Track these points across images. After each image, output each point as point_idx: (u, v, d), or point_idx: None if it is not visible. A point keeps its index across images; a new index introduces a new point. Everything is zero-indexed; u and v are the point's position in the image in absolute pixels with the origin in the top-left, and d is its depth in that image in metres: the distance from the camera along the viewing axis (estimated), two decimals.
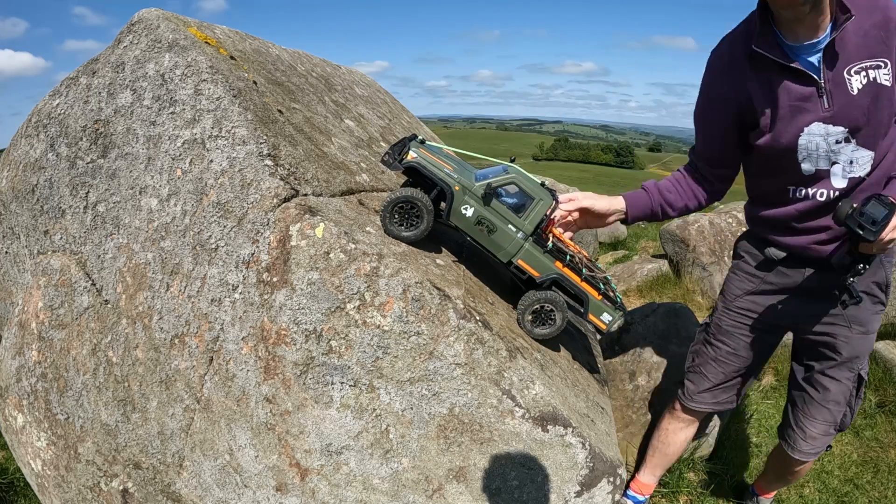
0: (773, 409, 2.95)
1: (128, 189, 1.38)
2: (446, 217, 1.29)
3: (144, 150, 1.35)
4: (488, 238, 1.29)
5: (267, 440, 1.28)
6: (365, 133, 1.74)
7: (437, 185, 1.26)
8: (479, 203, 1.26)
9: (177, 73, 1.32)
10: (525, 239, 1.30)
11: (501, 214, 1.27)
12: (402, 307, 1.16)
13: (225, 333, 1.25)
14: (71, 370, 1.51)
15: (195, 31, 1.38)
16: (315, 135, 1.41)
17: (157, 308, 1.33)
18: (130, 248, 1.37)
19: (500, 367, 1.21)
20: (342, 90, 1.91)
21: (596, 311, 1.36)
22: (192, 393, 1.33)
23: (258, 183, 1.19)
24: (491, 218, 1.27)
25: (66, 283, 1.50)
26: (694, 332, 1.89)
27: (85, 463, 1.53)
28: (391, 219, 1.27)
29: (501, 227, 1.28)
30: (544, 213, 1.29)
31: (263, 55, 1.55)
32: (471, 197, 1.26)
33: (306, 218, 1.15)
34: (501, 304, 1.45)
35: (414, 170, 1.26)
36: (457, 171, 1.28)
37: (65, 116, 1.52)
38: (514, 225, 1.28)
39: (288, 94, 1.47)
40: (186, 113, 1.29)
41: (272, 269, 1.18)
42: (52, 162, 1.53)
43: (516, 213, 1.28)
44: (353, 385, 1.21)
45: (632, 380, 2.30)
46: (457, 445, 1.23)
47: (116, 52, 1.47)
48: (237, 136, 1.22)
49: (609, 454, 1.31)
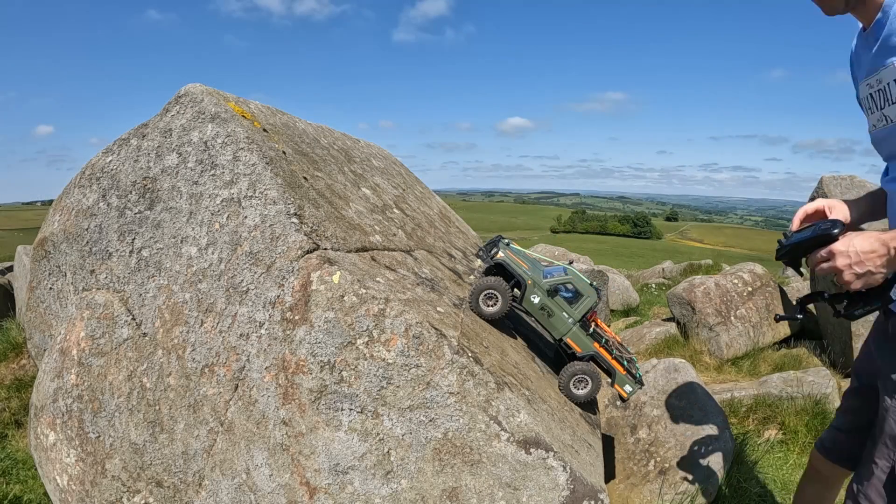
0: (781, 461, 2.94)
1: (170, 238, 1.60)
2: (520, 302, 1.72)
3: (187, 205, 1.58)
4: (548, 320, 1.73)
5: (281, 460, 1.45)
6: (380, 200, 2.02)
7: (516, 278, 1.70)
8: (545, 295, 1.71)
9: (218, 141, 1.57)
10: (574, 324, 1.73)
11: (559, 305, 1.71)
12: (405, 343, 1.36)
13: (250, 364, 1.44)
14: (106, 393, 1.69)
15: (234, 106, 1.64)
16: (335, 199, 1.67)
17: (191, 341, 1.53)
18: (170, 289, 1.58)
19: (488, 396, 1.39)
20: (360, 161, 2.19)
21: (620, 382, 1.80)
22: (216, 416, 1.51)
23: (285, 237, 1.42)
24: (551, 306, 1.71)
25: (108, 316, 1.70)
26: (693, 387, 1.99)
27: (110, 478, 1.69)
28: (478, 301, 1.70)
29: (558, 314, 1.72)
30: (590, 306, 1.72)
31: (291, 129, 1.82)
32: (539, 290, 1.70)
33: (325, 266, 1.37)
34: (496, 349, 1.65)
35: (500, 265, 1.73)
36: (531, 269, 1.74)
37: (116, 172, 1.76)
38: (567, 313, 1.72)
39: (312, 163, 1.73)
40: (225, 175, 1.53)
41: (294, 309, 1.39)
42: (102, 210, 1.76)
43: (570, 305, 1.71)
44: (360, 411, 1.40)
45: (633, 433, 2.43)
46: (450, 467, 1.40)
47: (164, 119, 1.73)
48: (269, 197, 1.46)
49: (591, 479, 1.46)
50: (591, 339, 1.77)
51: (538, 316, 1.74)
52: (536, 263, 1.88)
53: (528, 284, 1.69)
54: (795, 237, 1.29)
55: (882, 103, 1.27)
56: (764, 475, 2.78)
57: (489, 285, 1.68)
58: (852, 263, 1.15)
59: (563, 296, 1.72)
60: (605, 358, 1.78)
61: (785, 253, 1.30)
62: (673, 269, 10.00)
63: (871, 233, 1.18)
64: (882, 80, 1.25)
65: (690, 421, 2.49)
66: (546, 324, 1.75)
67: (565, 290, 1.73)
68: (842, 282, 1.19)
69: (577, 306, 1.72)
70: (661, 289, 8.41)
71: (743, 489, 2.56)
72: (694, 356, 4.49)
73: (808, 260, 1.26)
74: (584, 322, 1.78)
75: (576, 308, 1.72)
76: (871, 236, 1.16)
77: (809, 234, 1.23)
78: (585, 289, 1.72)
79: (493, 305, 1.69)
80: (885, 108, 1.27)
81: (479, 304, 1.70)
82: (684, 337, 4.87)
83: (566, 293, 1.72)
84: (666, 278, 9.44)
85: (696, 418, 2.50)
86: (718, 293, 4.73)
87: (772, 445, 3.11)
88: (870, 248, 1.14)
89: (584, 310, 1.73)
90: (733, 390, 3.52)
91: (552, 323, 1.73)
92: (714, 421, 2.51)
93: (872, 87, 1.30)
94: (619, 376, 1.79)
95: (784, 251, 1.31)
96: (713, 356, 4.51)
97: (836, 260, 1.17)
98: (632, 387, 1.80)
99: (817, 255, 1.21)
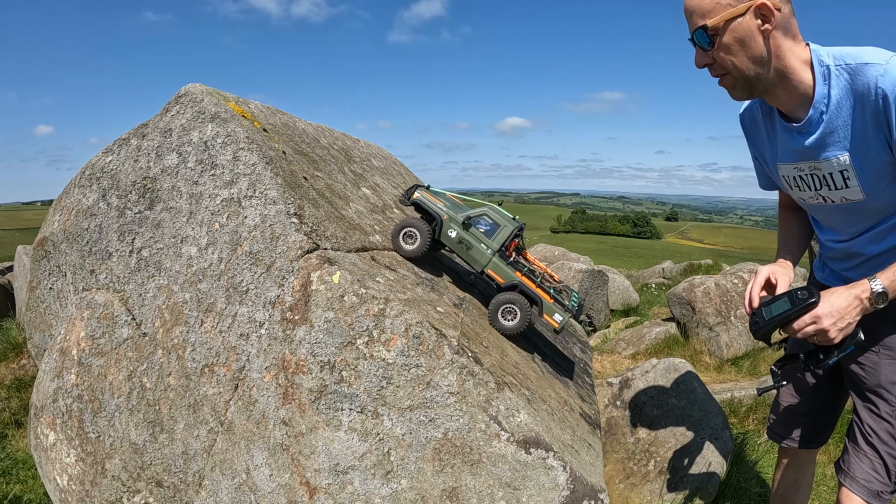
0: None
1: (170, 238, 1.60)
2: (437, 236, 1.75)
3: (187, 205, 1.58)
4: (467, 253, 1.75)
5: (281, 460, 1.45)
6: (380, 200, 2.03)
7: (433, 215, 1.73)
8: (461, 228, 1.74)
9: (218, 141, 1.57)
10: (493, 254, 1.73)
11: (476, 237, 1.73)
12: (405, 343, 1.36)
13: (250, 364, 1.44)
14: (106, 393, 1.69)
15: (234, 106, 1.64)
16: (335, 199, 1.68)
17: (190, 341, 1.53)
18: (170, 289, 1.58)
19: (488, 396, 1.39)
20: (360, 161, 2.20)
21: (549, 311, 1.75)
22: (216, 416, 1.51)
23: (285, 237, 1.42)
24: (469, 239, 1.73)
25: (108, 316, 1.70)
26: (693, 386, 1.98)
27: (110, 478, 1.69)
28: (397, 238, 1.75)
29: (476, 246, 1.73)
30: (507, 235, 1.73)
31: (291, 128, 1.82)
32: (455, 224, 1.73)
33: (325, 266, 1.37)
34: (496, 349, 1.65)
35: (418, 205, 1.77)
36: (448, 207, 1.77)
37: (116, 171, 1.76)
38: (486, 244, 1.73)
39: (312, 163, 1.74)
40: (225, 175, 1.53)
41: (294, 309, 1.39)
42: (102, 210, 1.76)
43: (487, 237, 1.73)
44: (360, 411, 1.40)
45: (633, 433, 2.43)
46: (450, 467, 1.40)
47: (164, 119, 1.73)
48: (268, 197, 1.46)
49: (591, 479, 1.46)
50: (513, 269, 1.74)
51: (458, 250, 1.76)
52: (460, 206, 1.89)
53: (443, 220, 1.73)
54: (774, 313, 1.32)
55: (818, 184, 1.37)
56: (764, 475, 2.77)
57: (407, 224, 1.75)
58: (836, 321, 1.25)
59: (479, 227, 1.74)
60: (530, 286, 1.73)
61: (769, 329, 1.34)
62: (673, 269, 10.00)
63: (840, 289, 1.29)
64: (821, 169, 1.34)
65: (690, 421, 2.49)
66: (466, 257, 1.76)
67: (483, 224, 1.74)
68: (826, 340, 1.28)
69: (495, 237, 1.73)
70: (661, 289, 8.41)
71: (743, 489, 2.56)
72: (694, 356, 4.49)
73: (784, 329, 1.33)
74: (503, 253, 1.75)
75: (493, 239, 1.73)
76: (843, 292, 1.27)
77: (790, 307, 1.29)
78: (503, 220, 1.74)
79: (412, 244, 1.76)
80: (822, 190, 1.38)
81: (398, 243, 1.76)
82: (684, 337, 4.87)
83: (483, 225, 1.74)
84: (666, 278, 9.44)
85: (696, 418, 2.50)
86: (718, 293, 4.73)
87: (772, 445, 3.12)
88: (847, 303, 1.26)
89: (502, 239, 1.72)
90: (733, 390, 3.53)
91: (472, 256, 1.74)
92: (714, 421, 2.51)
93: (803, 171, 1.39)
94: (546, 305, 1.73)
95: (768, 328, 1.33)
96: (713, 356, 4.51)
97: (823, 322, 1.26)
98: (562, 315, 1.73)
99: (802, 322, 1.28)
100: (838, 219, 1.44)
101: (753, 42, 1.21)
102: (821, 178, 1.35)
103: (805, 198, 1.45)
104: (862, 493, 1.47)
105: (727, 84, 1.31)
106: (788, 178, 1.45)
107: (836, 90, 1.24)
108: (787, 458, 1.84)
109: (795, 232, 1.65)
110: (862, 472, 1.47)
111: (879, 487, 1.46)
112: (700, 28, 1.23)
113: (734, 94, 1.32)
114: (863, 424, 1.48)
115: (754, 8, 1.18)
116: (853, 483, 1.49)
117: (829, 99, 1.25)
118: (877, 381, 1.45)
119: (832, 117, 1.26)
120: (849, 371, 1.53)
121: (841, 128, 1.26)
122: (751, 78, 1.26)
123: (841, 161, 1.28)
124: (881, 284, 1.24)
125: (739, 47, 1.22)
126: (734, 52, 1.23)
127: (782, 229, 1.69)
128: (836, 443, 2.82)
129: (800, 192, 1.45)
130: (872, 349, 1.45)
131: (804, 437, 1.76)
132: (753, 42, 1.21)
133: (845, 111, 1.24)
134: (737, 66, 1.25)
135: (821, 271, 1.65)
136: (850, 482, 1.49)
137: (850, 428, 1.55)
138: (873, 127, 1.21)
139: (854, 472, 1.49)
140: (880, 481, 1.45)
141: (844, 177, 1.31)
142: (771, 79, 1.27)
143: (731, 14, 1.19)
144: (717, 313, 4.62)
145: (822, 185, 1.37)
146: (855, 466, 1.49)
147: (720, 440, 2.47)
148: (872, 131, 1.22)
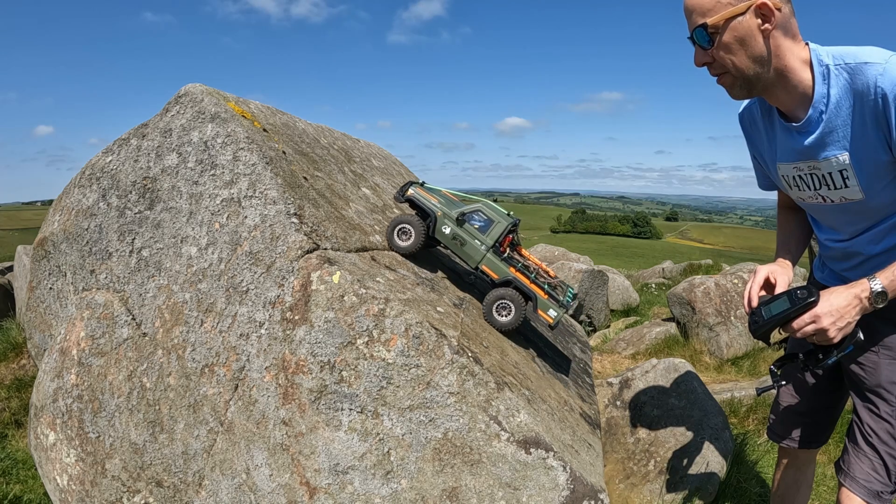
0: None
1: (170, 238, 1.60)
2: (431, 232, 1.75)
3: (187, 205, 1.58)
4: (462, 249, 1.74)
5: (281, 460, 1.45)
6: (380, 200, 2.03)
7: (427, 212, 1.73)
8: (455, 224, 1.73)
9: (218, 141, 1.57)
10: (487, 250, 1.73)
11: (470, 233, 1.73)
12: (405, 343, 1.36)
13: (250, 364, 1.44)
14: (106, 393, 1.69)
15: (234, 106, 1.64)
16: (335, 199, 1.68)
17: (190, 341, 1.53)
18: (170, 289, 1.58)
19: (488, 396, 1.39)
20: (360, 161, 2.20)
21: (543, 307, 1.74)
22: (216, 416, 1.51)
23: (285, 237, 1.42)
24: (463, 235, 1.73)
25: (108, 316, 1.70)
26: (693, 386, 1.97)
27: (110, 478, 1.69)
28: (392, 234, 1.74)
29: (470, 242, 1.73)
30: (501, 231, 1.73)
31: (291, 129, 1.82)
32: (449, 220, 1.73)
33: (325, 266, 1.37)
34: (496, 349, 1.65)
35: (413, 202, 1.77)
36: (441, 203, 1.76)
37: (116, 171, 1.76)
38: (480, 241, 1.73)
39: (312, 163, 1.74)
40: (225, 175, 1.53)
41: (294, 309, 1.39)
42: (102, 210, 1.76)
43: (481, 233, 1.73)
44: (360, 411, 1.40)
45: (633, 433, 2.42)
46: (450, 467, 1.40)
47: (164, 119, 1.73)
48: (268, 197, 1.46)
49: (591, 479, 1.46)
50: (507, 265, 1.74)
51: (452, 247, 1.75)
52: (454, 202, 1.88)
53: (437, 216, 1.73)
54: (773, 312, 1.32)
55: (817, 184, 1.38)
56: (764, 475, 2.78)
57: (402, 220, 1.75)
58: (836, 321, 1.26)
59: (473, 223, 1.74)
60: (524, 282, 1.73)
61: (768, 329, 1.34)
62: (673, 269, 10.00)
63: (840, 289, 1.29)
64: (821, 168, 1.34)
65: (690, 421, 2.49)
66: (461, 254, 1.75)
67: (477, 220, 1.74)
68: (825, 339, 1.29)
69: (489, 233, 1.73)
70: (661, 289, 8.41)
71: (743, 489, 2.56)
72: (694, 356, 4.49)
73: (784, 328, 1.33)
74: (497, 249, 1.75)
75: (487, 235, 1.72)
76: (843, 292, 1.27)
77: (789, 306, 1.29)
78: (497, 216, 1.74)
79: (406, 240, 1.76)
80: (821, 190, 1.38)
81: (393, 239, 1.76)
82: (684, 337, 4.87)
83: (477, 221, 1.74)
84: (666, 278, 9.44)
85: (696, 418, 2.50)
86: (718, 293, 4.73)
87: (772, 445, 3.12)
88: (846, 302, 1.26)
89: (496, 235, 1.72)
90: (733, 390, 3.53)
91: (466, 252, 1.74)
92: (714, 421, 2.51)
93: (802, 170, 1.39)
94: (540, 300, 1.73)
95: (767, 327, 1.34)
96: (713, 356, 4.51)
97: (823, 321, 1.26)
98: (556, 311, 1.73)
99: (801, 321, 1.29)
100: (837, 218, 1.44)
101: (753, 41, 1.21)
102: (820, 177, 1.35)
103: (804, 197, 1.45)
104: (862, 493, 1.47)
105: (726, 83, 1.31)
106: (788, 178, 1.45)
107: (835, 90, 1.24)
108: (787, 458, 1.84)
109: (794, 232, 1.65)
110: (862, 472, 1.47)
111: (879, 487, 1.46)
112: (700, 26, 1.23)
113: (733, 93, 1.32)
114: (863, 424, 1.48)
115: (754, 7, 1.18)
116: (853, 483, 1.48)
117: (829, 98, 1.25)
118: (877, 381, 1.45)
119: (831, 117, 1.26)
120: (848, 371, 1.53)
121: (840, 127, 1.26)
122: (750, 77, 1.26)
123: (840, 161, 1.28)
124: (880, 284, 1.24)
125: (739, 46, 1.22)
126: (734, 51, 1.23)
127: (781, 229, 1.69)
128: (836, 443, 2.82)
129: (799, 192, 1.45)
130: (872, 349, 1.44)
131: (804, 437, 1.76)
132: (753, 41, 1.21)
133: (844, 111, 1.24)
134: (736, 65, 1.25)
135: (820, 271, 1.65)
136: (850, 482, 1.49)
137: (850, 428, 1.54)
138: (872, 126, 1.21)
139: (854, 472, 1.48)
140: (880, 481, 1.45)
141: (844, 176, 1.31)
142: (770, 78, 1.27)
143: (731, 13, 1.19)
144: (717, 313, 4.62)
145: (822, 185, 1.37)
146: (855, 466, 1.49)
147: (720, 440, 2.47)
148: (872, 131, 1.22)
